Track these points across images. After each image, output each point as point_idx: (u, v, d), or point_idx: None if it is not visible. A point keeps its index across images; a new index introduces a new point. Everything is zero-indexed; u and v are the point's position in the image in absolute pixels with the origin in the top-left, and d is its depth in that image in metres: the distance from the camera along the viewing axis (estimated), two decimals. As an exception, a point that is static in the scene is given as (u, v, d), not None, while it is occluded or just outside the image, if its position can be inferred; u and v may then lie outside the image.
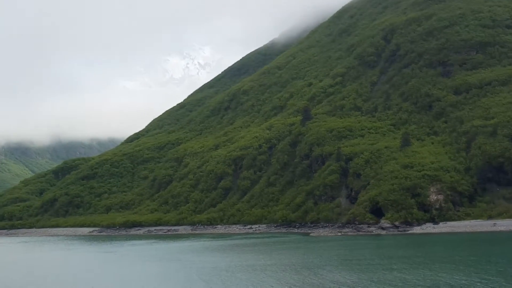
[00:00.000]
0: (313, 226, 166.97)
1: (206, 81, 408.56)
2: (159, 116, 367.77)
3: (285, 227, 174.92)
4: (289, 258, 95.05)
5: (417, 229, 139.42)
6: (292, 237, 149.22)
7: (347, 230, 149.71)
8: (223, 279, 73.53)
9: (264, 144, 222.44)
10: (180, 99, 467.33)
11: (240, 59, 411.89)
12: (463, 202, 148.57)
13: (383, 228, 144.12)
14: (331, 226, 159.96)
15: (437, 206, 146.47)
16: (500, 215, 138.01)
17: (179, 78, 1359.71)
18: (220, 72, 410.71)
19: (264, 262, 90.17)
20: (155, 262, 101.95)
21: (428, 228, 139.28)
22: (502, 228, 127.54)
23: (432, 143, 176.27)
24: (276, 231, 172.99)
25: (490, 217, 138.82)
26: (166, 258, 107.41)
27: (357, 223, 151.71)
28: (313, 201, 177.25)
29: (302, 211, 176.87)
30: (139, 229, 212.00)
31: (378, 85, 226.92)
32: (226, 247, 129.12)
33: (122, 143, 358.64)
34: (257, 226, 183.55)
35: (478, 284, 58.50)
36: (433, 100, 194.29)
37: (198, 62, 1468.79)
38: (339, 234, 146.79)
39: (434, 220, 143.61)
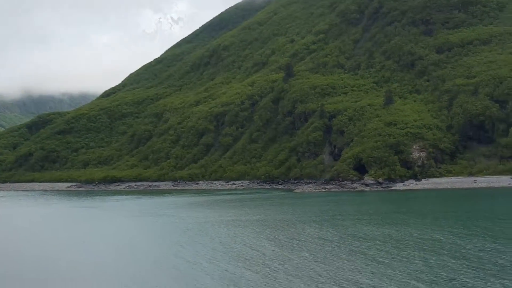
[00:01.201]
0: (297, 182, 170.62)
1: (179, 36, 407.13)
2: (136, 71, 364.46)
3: (268, 183, 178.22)
4: (276, 214, 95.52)
5: (400, 186, 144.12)
6: (276, 193, 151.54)
7: (331, 186, 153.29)
8: (217, 234, 74.15)
9: (246, 101, 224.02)
10: (153, 54, 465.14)
11: (219, 14, 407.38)
12: (444, 159, 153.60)
13: (366, 185, 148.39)
14: (315, 182, 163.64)
15: (420, 163, 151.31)
16: (480, 172, 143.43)
17: (151, 33, 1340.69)
18: (194, 27, 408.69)
19: (252, 217, 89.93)
20: (143, 217, 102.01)
21: (411, 184, 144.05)
22: (483, 185, 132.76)
23: (415, 101, 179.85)
24: (259, 187, 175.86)
25: (470, 174, 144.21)
26: (154, 213, 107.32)
27: (340, 179, 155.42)
28: (296, 157, 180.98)
29: (285, 167, 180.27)
30: (119, 185, 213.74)
31: (361, 43, 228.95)
32: (212, 202, 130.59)
33: (98, 98, 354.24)
34: (239, 182, 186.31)
35: (460, 239, 60.87)
36: (416, 58, 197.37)
37: (171, 17, 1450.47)
38: (323, 190, 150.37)
39: (416, 177, 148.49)
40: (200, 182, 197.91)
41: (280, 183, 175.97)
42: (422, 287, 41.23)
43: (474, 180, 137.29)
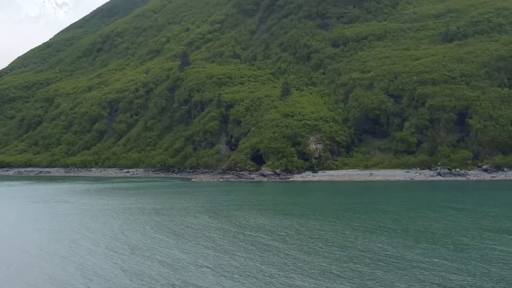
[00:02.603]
0: (193, 171, 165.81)
1: (64, 21, 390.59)
2: (23, 55, 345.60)
3: (164, 172, 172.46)
4: (178, 202, 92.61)
5: (297, 177, 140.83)
6: (173, 182, 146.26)
7: (228, 176, 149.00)
8: (126, 221, 70.28)
9: (141, 88, 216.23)
10: (39, 38, 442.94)
11: (110, 1, 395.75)
12: (341, 152, 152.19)
13: (264, 175, 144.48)
14: (211, 172, 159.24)
15: (317, 155, 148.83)
16: (376, 165, 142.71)
17: (35, 17, 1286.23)
18: (78, 13, 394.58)
19: (155, 206, 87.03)
20: (42, 203, 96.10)
21: (308, 176, 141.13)
22: (379, 178, 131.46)
23: (311, 93, 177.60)
24: (155, 175, 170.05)
25: (366, 167, 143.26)
26: (52, 200, 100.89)
27: (238, 169, 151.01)
28: (192, 146, 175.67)
29: (181, 156, 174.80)
30: (7, 170, 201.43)
31: (257, 34, 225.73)
32: (109, 190, 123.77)
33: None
34: (134, 170, 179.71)
35: (357, 232, 59.29)
36: (312, 51, 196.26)
37: (55, 1, 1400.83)
38: (221, 180, 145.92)
39: (313, 169, 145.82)
40: (93, 169, 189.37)
41: (176, 172, 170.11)
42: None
43: (371, 173, 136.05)
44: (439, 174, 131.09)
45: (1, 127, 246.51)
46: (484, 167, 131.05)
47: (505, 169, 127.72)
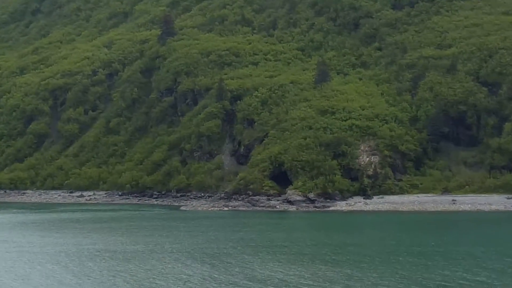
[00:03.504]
0: (182, 196, 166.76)
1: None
2: None
3: (137, 197, 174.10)
4: (162, 242, 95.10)
5: (341, 205, 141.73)
6: (152, 212, 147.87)
7: (236, 203, 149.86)
8: (85, 272, 71.28)
9: (100, 70, 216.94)
10: None
11: None
12: (407, 167, 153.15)
13: (291, 202, 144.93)
14: (210, 197, 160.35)
15: (371, 173, 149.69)
16: (461, 189, 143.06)
17: None
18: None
19: (127, 247, 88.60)
20: None
21: (358, 204, 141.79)
22: (466, 207, 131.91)
23: (361, 79, 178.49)
24: (123, 201, 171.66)
25: (446, 191, 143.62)
26: None
27: (250, 193, 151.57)
28: (180, 158, 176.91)
29: (163, 173, 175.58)
30: None
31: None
32: (56, 223, 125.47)
33: None
34: (91, 193, 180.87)
35: None
36: (361, 15, 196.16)
37: None
38: (226, 209, 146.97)
39: (366, 193, 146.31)
40: (29, 191, 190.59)
41: (155, 196, 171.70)
42: None
43: (453, 200, 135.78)
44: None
45: None
46: None
47: None
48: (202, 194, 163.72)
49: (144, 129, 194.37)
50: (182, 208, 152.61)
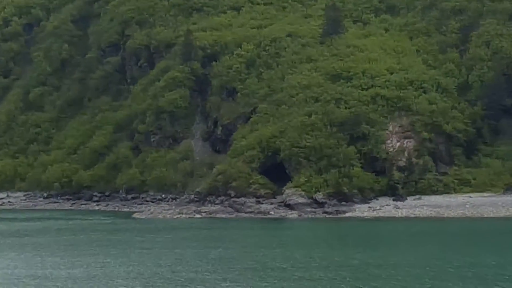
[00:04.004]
0: (134, 198, 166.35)
1: None
2: None
3: (70, 199, 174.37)
4: (108, 263, 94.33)
5: (362, 210, 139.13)
6: (93, 221, 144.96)
7: (213, 208, 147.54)
8: None
9: (15, 19, 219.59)
10: None
11: None
12: (455, 156, 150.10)
13: (291, 207, 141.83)
14: (174, 199, 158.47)
15: (403, 164, 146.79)
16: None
17: None
18: None
19: (61, 272, 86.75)
20: None
21: (386, 208, 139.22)
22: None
23: (387, 30, 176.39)
24: (50, 206, 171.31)
25: (510, 188, 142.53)
26: None
27: (232, 194, 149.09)
28: (131, 144, 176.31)
29: (107, 166, 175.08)
30: None
31: None
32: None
33: None
34: (4, 195, 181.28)
35: None
36: None
37: None
38: (197, 216, 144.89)
39: (396, 193, 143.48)
40: None
41: (96, 199, 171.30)
42: None
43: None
44: None
45: None
46: None
47: None
48: (164, 195, 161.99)
49: (79, 103, 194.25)
50: (135, 215, 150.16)
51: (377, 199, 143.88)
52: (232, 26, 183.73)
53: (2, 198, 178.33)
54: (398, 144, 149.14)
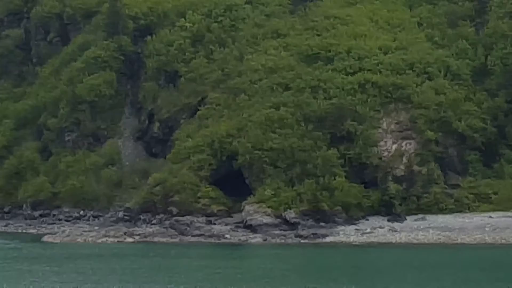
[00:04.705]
0: (43, 216, 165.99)
1: None
2: None
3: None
4: None
5: (348, 233, 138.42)
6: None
7: (149, 230, 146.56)
8: None
9: None
10: None
11: None
12: (469, 162, 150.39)
13: (252, 228, 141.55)
14: (97, 217, 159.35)
15: (402, 172, 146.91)
16: None
17: None
18: None
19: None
20: None
21: (379, 231, 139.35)
22: None
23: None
24: None
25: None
26: None
27: (174, 211, 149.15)
28: (36, 144, 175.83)
29: (4, 173, 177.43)
30: None
31: None
32: None
33: None
34: None
35: None
36: None
37: None
38: (129, 240, 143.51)
39: (393, 210, 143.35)
40: None
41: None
42: None
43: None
44: None
45: None
46: None
47: None
48: (82, 212, 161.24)
49: None
50: (45, 238, 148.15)
51: (367, 219, 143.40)
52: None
53: None
54: (394, 146, 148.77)
